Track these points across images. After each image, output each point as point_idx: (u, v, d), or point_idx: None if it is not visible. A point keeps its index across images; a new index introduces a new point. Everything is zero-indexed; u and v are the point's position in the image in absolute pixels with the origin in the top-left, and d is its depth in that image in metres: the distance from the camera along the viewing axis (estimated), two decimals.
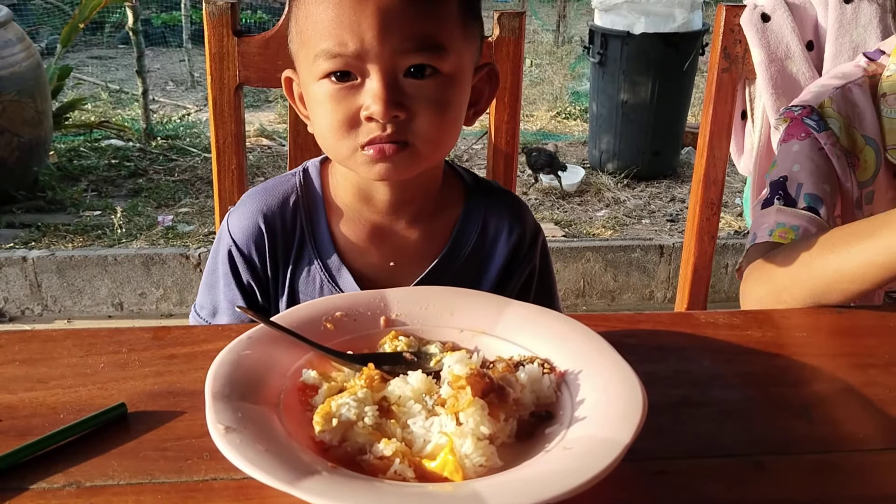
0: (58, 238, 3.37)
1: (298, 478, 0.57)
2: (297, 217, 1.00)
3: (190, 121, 5.01)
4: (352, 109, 0.86)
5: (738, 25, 1.37)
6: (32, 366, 0.79)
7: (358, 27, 0.83)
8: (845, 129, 1.16)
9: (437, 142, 0.91)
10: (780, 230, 1.10)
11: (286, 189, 1.02)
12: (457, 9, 0.89)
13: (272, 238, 0.99)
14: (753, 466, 0.68)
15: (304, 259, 1.00)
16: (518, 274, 1.05)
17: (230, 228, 1.01)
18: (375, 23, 0.82)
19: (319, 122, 0.91)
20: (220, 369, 0.69)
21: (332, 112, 0.87)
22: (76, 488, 0.62)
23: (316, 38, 0.86)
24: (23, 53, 3.55)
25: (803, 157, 1.15)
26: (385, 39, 0.83)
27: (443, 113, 0.89)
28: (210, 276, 1.03)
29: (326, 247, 1.00)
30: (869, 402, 0.78)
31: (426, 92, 0.86)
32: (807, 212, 1.11)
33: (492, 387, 0.68)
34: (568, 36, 7.36)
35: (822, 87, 1.21)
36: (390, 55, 0.84)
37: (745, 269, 1.13)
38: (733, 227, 3.68)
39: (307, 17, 0.87)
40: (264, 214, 0.99)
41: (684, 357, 0.85)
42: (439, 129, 0.89)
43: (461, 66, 0.90)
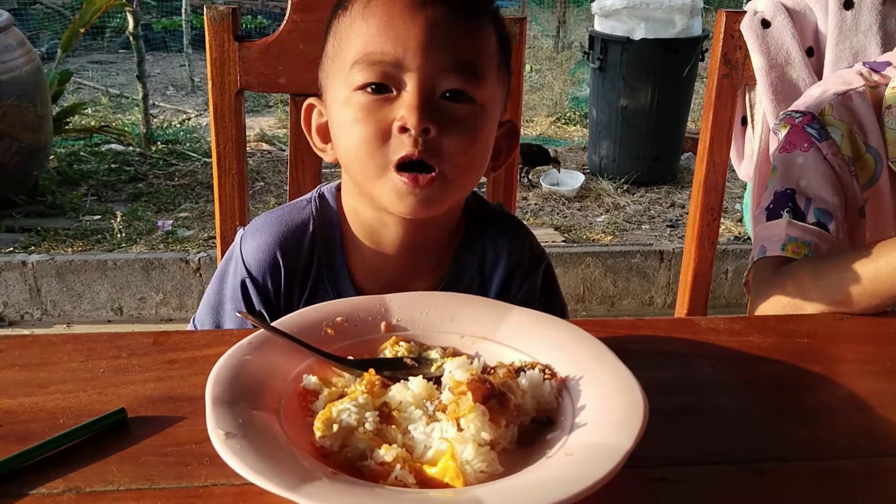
0: (57, 242, 3.37)
1: (299, 483, 0.56)
2: (315, 248, 0.98)
3: (190, 125, 5.02)
4: (385, 121, 0.85)
5: (739, 31, 1.37)
6: (32, 371, 0.79)
7: (403, 35, 0.83)
8: (847, 135, 1.16)
9: (466, 168, 0.89)
10: (793, 245, 1.10)
11: (303, 218, 0.99)
12: (495, 45, 0.91)
13: (289, 270, 0.97)
14: (754, 473, 0.67)
15: (320, 289, 0.98)
16: (513, 297, 1.02)
17: (245, 259, 0.98)
18: (420, 35, 0.83)
19: (349, 137, 0.88)
20: (221, 374, 0.68)
21: (365, 124, 0.86)
22: (76, 494, 0.62)
23: (357, 45, 0.86)
24: (23, 58, 3.56)
25: (810, 170, 1.14)
26: (428, 52, 0.83)
27: (473, 139, 0.88)
28: (215, 296, 1.00)
29: (342, 277, 0.98)
30: (869, 408, 0.78)
31: (459, 115, 0.86)
32: (817, 227, 1.11)
33: (493, 392, 0.68)
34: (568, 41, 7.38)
35: (823, 92, 1.21)
36: (431, 70, 0.84)
37: (755, 283, 1.13)
38: (733, 233, 3.68)
39: (350, 27, 0.87)
40: (281, 246, 0.97)
41: (685, 363, 0.85)
42: (468, 154, 0.88)
43: (493, 103, 0.91)
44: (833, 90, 1.20)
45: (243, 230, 1.01)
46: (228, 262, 1.01)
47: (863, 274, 0.98)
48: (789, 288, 1.05)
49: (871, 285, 0.98)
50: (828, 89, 1.21)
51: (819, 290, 1.02)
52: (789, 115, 1.21)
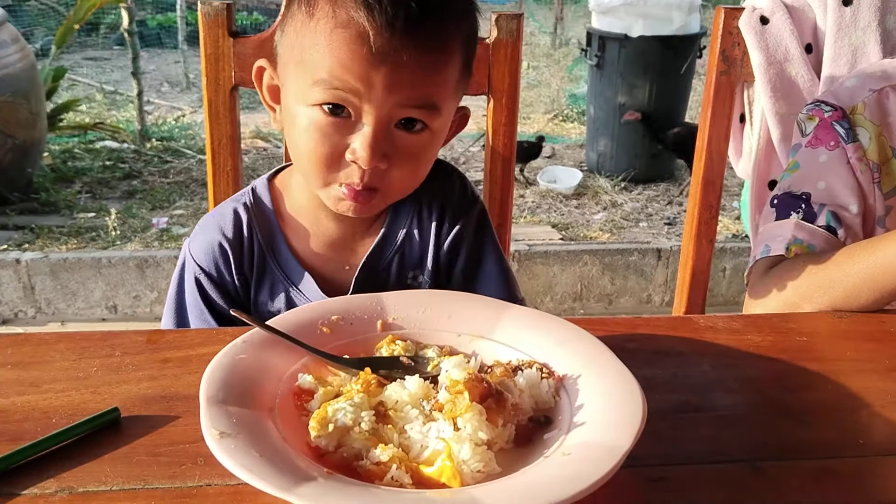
0: (51, 240, 3.36)
1: (294, 484, 0.56)
2: (253, 235, 1.02)
3: (185, 122, 5.01)
4: (337, 147, 0.88)
5: (737, 28, 1.36)
6: (25, 369, 0.78)
7: (368, 76, 0.83)
8: (875, 138, 1.14)
9: (405, 189, 0.96)
10: (797, 247, 1.09)
11: (237, 209, 1.03)
12: (458, 72, 0.91)
13: (236, 254, 1.01)
14: (753, 472, 0.67)
15: (267, 273, 1.02)
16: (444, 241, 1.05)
17: (193, 255, 1.02)
18: (387, 77, 0.83)
19: (300, 145, 0.91)
20: (215, 374, 0.68)
21: (317, 144, 0.88)
22: (69, 494, 0.61)
23: (320, 67, 0.85)
24: (17, 55, 3.54)
25: (830, 172, 1.13)
26: (391, 92, 0.84)
27: (419, 167, 0.94)
28: (175, 301, 1.03)
29: (286, 257, 1.02)
30: (869, 407, 0.77)
31: (412, 145, 0.90)
32: (825, 231, 1.10)
33: (490, 392, 0.67)
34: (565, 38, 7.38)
35: (859, 84, 1.18)
36: (391, 107, 0.85)
37: (753, 281, 1.12)
38: (731, 231, 3.68)
39: (315, 44, 0.85)
40: (223, 233, 1.01)
41: (684, 362, 0.84)
42: (412, 179, 0.95)
43: (446, 122, 0.95)
44: (870, 84, 1.17)
45: (188, 240, 1.05)
46: (182, 267, 1.04)
47: (860, 272, 0.98)
48: (786, 285, 1.05)
49: (867, 283, 0.97)
50: (865, 82, 1.18)
51: (816, 287, 1.01)
52: (819, 106, 1.18)
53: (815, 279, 1.02)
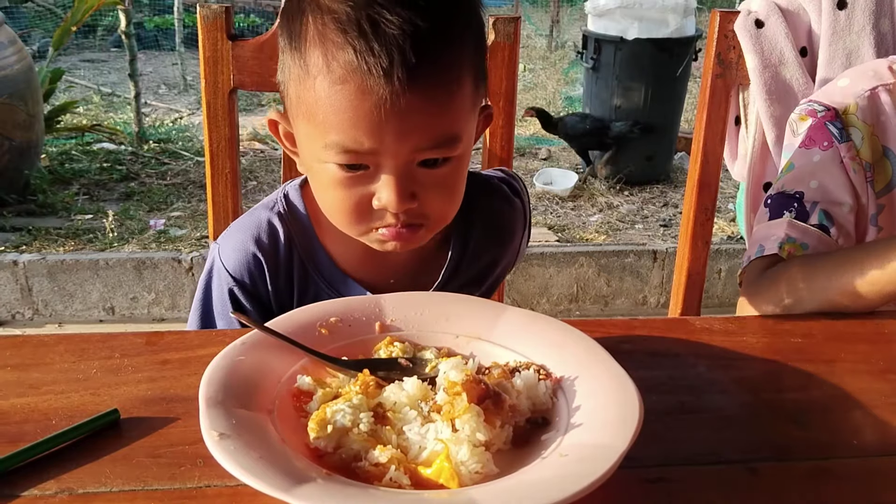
0: (49, 242, 3.36)
1: (293, 485, 0.56)
2: (292, 246, 0.98)
3: (182, 124, 5.00)
4: (363, 196, 0.84)
5: (732, 31, 1.37)
6: (24, 371, 0.79)
7: (378, 129, 0.78)
8: (868, 138, 1.14)
9: (448, 216, 0.92)
10: (790, 246, 1.09)
11: (272, 219, 0.98)
12: (471, 91, 0.85)
13: (271, 267, 0.97)
14: (749, 473, 0.68)
15: (309, 283, 0.98)
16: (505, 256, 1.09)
17: (227, 266, 0.97)
18: (396, 126, 0.78)
19: (326, 200, 0.88)
20: (214, 375, 0.68)
21: (343, 198, 0.85)
22: (68, 495, 0.62)
23: (327, 127, 0.80)
24: (14, 56, 3.54)
25: (823, 171, 1.13)
26: (404, 141, 0.80)
27: (453, 193, 0.89)
28: (203, 311, 1.00)
29: (326, 265, 0.98)
30: (864, 408, 0.78)
31: (439, 178, 0.85)
32: (818, 230, 1.10)
33: (488, 393, 0.68)
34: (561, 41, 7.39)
35: (852, 84, 1.18)
36: (408, 153, 0.81)
37: (747, 283, 1.13)
38: (726, 233, 3.69)
39: (316, 101, 0.80)
40: (257, 242, 0.97)
41: (680, 363, 0.85)
42: (450, 208, 0.91)
43: (470, 140, 0.89)
44: (862, 84, 1.17)
45: (217, 243, 1.00)
46: (209, 278, 0.99)
47: (855, 276, 0.98)
48: (781, 287, 1.05)
49: (862, 287, 0.98)
50: (857, 82, 1.18)
51: (810, 291, 1.02)
52: (811, 106, 1.18)
53: (807, 286, 1.02)
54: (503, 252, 1.09)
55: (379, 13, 0.76)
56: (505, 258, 1.10)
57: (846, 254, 1.02)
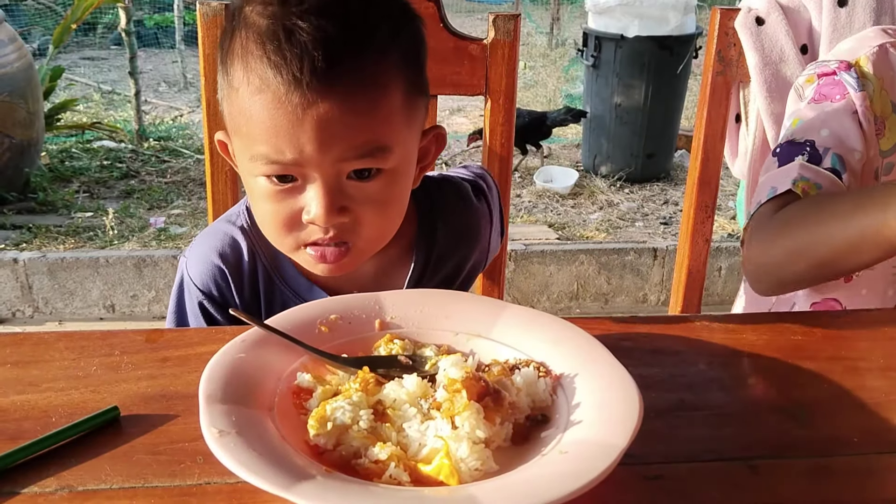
0: (49, 240, 3.36)
1: (293, 482, 0.56)
2: (256, 259, 0.98)
3: (182, 122, 5.01)
4: (293, 210, 0.84)
5: (733, 29, 1.37)
6: (24, 368, 0.79)
7: (296, 138, 0.78)
8: (878, 91, 1.12)
9: (379, 239, 0.91)
10: (804, 183, 1.06)
11: (233, 229, 0.99)
12: (401, 101, 0.83)
13: (235, 276, 0.97)
14: (749, 470, 0.67)
15: (276, 293, 0.99)
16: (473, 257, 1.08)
17: (193, 279, 0.98)
18: (314, 134, 0.77)
19: (259, 215, 0.89)
20: (214, 372, 0.68)
21: (273, 212, 0.85)
22: (68, 492, 0.62)
23: (252, 138, 0.80)
24: (14, 54, 3.54)
25: (834, 120, 1.10)
26: (326, 150, 0.79)
27: (387, 210, 0.88)
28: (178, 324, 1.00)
29: (292, 275, 0.99)
30: (863, 405, 0.78)
31: (370, 193, 0.84)
32: (830, 173, 1.07)
33: (487, 390, 0.68)
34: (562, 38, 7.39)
35: (857, 44, 1.16)
36: (332, 163, 0.80)
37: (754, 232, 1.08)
38: (727, 230, 3.68)
39: (241, 113, 0.81)
40: (220, 254, 0.97)
41: (680, 360, 0.85)
42: (383, 227, 0.89)
43: (406, 155, 0.87)
44: (868, 42, 1.15)
45: (184, 256, 1.01)
46: (181, 291, 1.00)
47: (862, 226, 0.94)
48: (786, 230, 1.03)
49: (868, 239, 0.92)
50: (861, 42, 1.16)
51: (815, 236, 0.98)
52: (821, 65, 1.16)
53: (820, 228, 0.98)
54: (469, 254, 1.08)
55: (294, 23, 0.77)
56: (471, 259, 1.08)
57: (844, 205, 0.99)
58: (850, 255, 0.97)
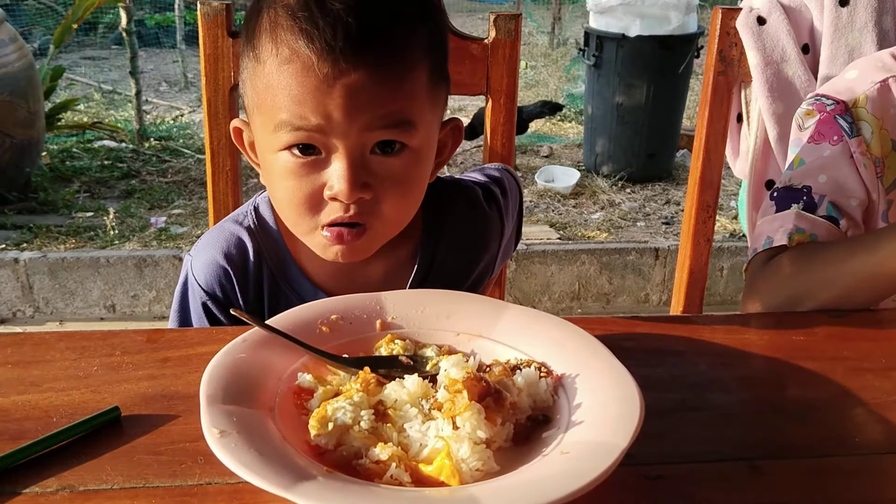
0: (50, 239, 3.36)
1: (294, 482, 0.56)
2: (262, 261, 0.98)
3: (183, 122, 5.01)
4: (314, 187, 0.83)
5: (734, 28, 1.37)
6: (25, 368, 0.79)
7: (324, 105, 0.79)
8: (877, 132, 1.12)
9: (398, 222, 0.90)
10: (799, 236, 1.08)
11: (241, 231, 0.98)
12: (426, 81, 0.85)
13: (240, 277, 0.97)
14: (751, 471, 0.67)
15: (280, 297, 0.98)
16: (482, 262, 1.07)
17: (198, 279, 0.97)
18: (343, 102, 0.78)
19: (278, 194, 0.88)
20: (215, 372, 0.68)
21: (294, 188, 0.84)
22: (69, 492, 0.61)
23: (277, 109, 0.81)
24: (15, 54, 3.54)
25: (832, 166, 1.12)
26: (353, 118, 0.79)
27: (408, 191, 0.88)
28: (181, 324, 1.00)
29: (297, 279, 0.98)
30: (865, 405, 0.78)
31: (394, 170, 0.84)
32: (826, 220, 1.08)
33: (488, 391, 0.68)
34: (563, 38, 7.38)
35: (860, 76, 1.16)
36: (358, 133, 0.80)
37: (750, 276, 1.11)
38: (728, 230, 3.68)
39: (267, 86, 0.82)
40: (226, 256, 0.97)
41: (681, 361, 0.85)
42: (402, 209, 0.89)
43: (428, 138, 0.88)
44: (871, 76, 1.15)
45: (189, 255, 1.00)
46: (185, 290, 1.00)
47: (860, 271, 0.98)
48: (786, 280, 1.04)
49: (866, 282, 0.97)
50: (865, 74, 1.16)
51: (815, 284, 1.01)
52: (820, 100, 1.16)
53: (815, 276, 1.01)
54: (475, 262, 1.06)
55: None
56: (478, 267, 1.07)
57: (852, 249, 1.01)
58: (846, 300, 0.99)
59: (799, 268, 1.03)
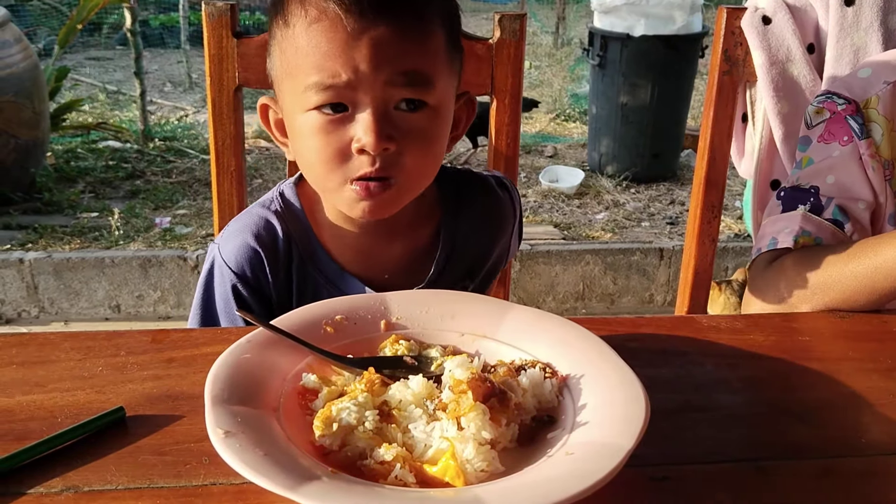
0: (55, 240, 3.36)
1: (298, 483, 0.56)
2: (291, 243, 1.00)
3: (188, 122, 5.01)
4: (343, 142, 0.87)
5: (739, 28, 1.36)
6: (30, 369, 0.79)
7: (351, 58, 0.84)
8: (888, 134, 1.11)
9: (421, 176, 0.95)
10: (805, 239, 1.08)
11: (270, 215, 1.01)
12: (444, 43, 0.91)
13: (270, 259, 0.99)
14: (756, 472, 0.67)
15: (308, 279, 1.00)
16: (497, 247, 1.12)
17: (228, 263, 0.99)
18: (369, 53, 0.83)
19: (307, 153, 0.91)
20: (220, 373, 0.68)
21: (323, 144, 0.88)
22: (74, 493, 0.62)
23: (307, 69, 0.86)
24: (20, 54, 3.54)
25: (841, 167, 1.11)
26: (378, 70, 0.84)
27: (430, 146, 0.92)
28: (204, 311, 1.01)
29: (324, 261, 1.01)
30: (871, 406, 0.78)
31: (415, 125, 0.89)
32: (832, 224, 1.09)
33: (493, 391, 0.67)
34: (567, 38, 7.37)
35: (873, 76, 1.15)
36: (382, 86, 0.85)
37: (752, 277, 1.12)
38: (733, 231, 3.68)
39: (296, 49, 0.87)
40: (257, 238, 0.99)
41: (686, 361, 0.85)
42: (425, 163, 0.93)
43: (446, 99, 0.93)
44: (884, 76, 1.14)
45: (215, 243, 1.02)
46: (210, 278, 1.01)
47: (861, 275, 0.97)
48: (787, 282, 1.05)
49: (867, 286, 0.97)
50: (877, 73, 1.16)
51: (816, 286, 1.01)
52: (831, 98, 1.16)
53: (817, 278, 1.01)
54: (494, 244, 1.11)
55: None
56: (496, 250, 1.12)
57: (854, 252, 1.01)
58: (844, 304, 1.00)
59: (800, 270, 1.03)
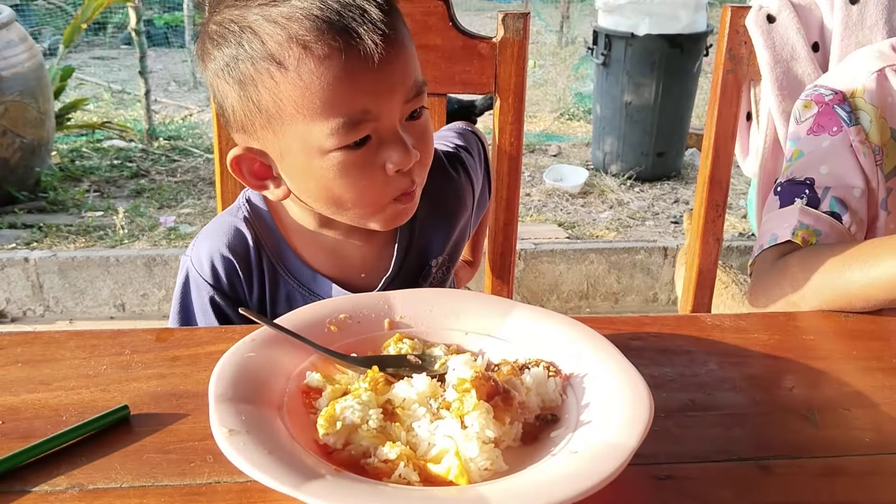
0: (60, 239, 3.37)
1: (302, 481, 0.56)
2: (261, 250, 1.00)
3: (192, 121, 5.02)
4: (374, 170, 0.87)
5: (744, 26, 1.36)
6: (35, 367, 0.79)
7: (373, 89, 0.83)
8: (876, 121, 1.13)
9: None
10: (804, 231, 1.08)
11: (237, 221, 1.00)
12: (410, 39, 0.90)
13: (243, 266, 0.98)
14: (760, 471, 0.67)
15: (280, 284, 1.00)
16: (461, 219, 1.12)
17: (201, 272, 0.98)
18: (387, 80, 0.83)
19: (337, 191, 0.88)
20: (224, 371, 0.68)
21: (356, 179, 0.87)
22: (79, 491, 0.62)
23: (332, 106, 0.81)
24: (25, 54, 3.55)
25: (833, 157, 1.12)
26: (396, 93, 0.85)
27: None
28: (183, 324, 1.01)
29: (295, 265, 1.00)
30: (876, 405, 0.77)
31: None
32: (830, 217, 1.09)
33: (497, 390, 0.68)
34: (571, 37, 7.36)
35: (858, 66, 1.16)
36: (399, 106, 0.86)
37: (756, 275, 1.12)
38: (738, 229, 3.67)
39: (308, 86, 0.80)
40: (228, 245, 0.98)
41: (690, 360, 0.84)
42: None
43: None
44: (868, 66, 1.15)
45: (187, 255, 1.01)
46: (185, 290, 1.01)
47: (856, 283, 0.96)
48: (787, 282, 1.04)
49: (859, 294, 0.96)
50: (863, 64, 1.17)
51: (813, 289, 1.01)
52: (818, 91, 1.17)
53: (817, 281, 1.01)
54: (454, 225, 1.11)
55: None
56: (458, 226, 1.11)
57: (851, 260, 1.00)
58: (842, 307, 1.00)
59: (801, 270, 1.03)
